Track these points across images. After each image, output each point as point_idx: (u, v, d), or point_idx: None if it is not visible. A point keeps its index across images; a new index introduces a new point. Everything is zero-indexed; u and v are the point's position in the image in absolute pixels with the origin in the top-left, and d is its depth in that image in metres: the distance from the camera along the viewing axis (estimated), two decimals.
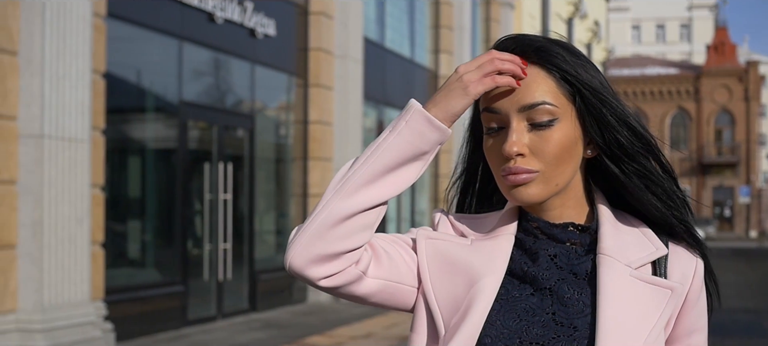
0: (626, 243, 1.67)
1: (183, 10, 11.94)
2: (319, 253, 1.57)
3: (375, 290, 1.67)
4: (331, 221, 1.57)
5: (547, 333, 1.59)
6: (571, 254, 1.67)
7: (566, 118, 1.63)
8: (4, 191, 8.72)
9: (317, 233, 1.57)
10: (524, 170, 1.61)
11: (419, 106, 1.61)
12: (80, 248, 9.33)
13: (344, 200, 1.58)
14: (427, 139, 1.60)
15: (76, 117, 9.25)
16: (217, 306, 12.81)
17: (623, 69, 63.28)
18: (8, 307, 8.76)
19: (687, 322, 1.69)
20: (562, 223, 1.69)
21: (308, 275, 1.59)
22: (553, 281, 1.64)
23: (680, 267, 1.69)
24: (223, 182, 12.84)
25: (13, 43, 8.79)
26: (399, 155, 1.60)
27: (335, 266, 1.59)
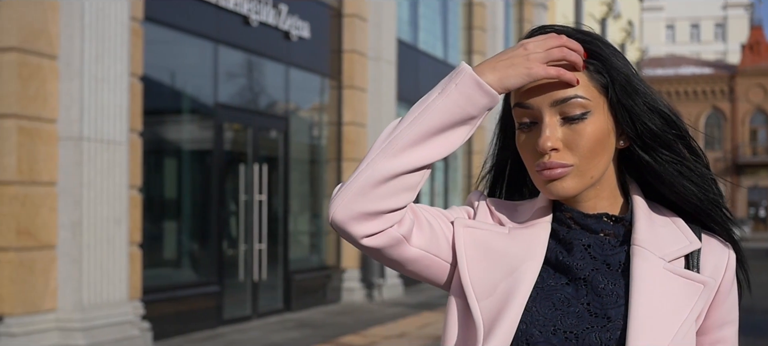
0: (660, 235, 1.67)
1: (218, 14, 12.07)
2: (361, 210, 1.56)
3: (414, 258, 1.66)
4: (374, 180, 1.56)
5: (582, 323, 1.59)
6: (604, 244, 1.68)
7: (599, 111, 1.63)
8: (44, 192, 8.88)
9: (360, 191, 1.56)
10: (559, 165, 1.61)
11: (470, 70, 1.59)
12: (118, 248, 9.49)
13: (389, 160, 1.57)
14: (476, 104, 1.59)
15: (114, 119, 9.40)
16: (252, 306, 12.94)
17: (657, 69, 62.97)
18: (48, 306, 8.92)
19: (718, 314, 1.69)
20: (595, 213, 1.69)
21: (350, 231, 1.58)
22: (588, 271, 1.64)
23: (713, 260, 1.69)
24: (258, 183, 12.97)
25: (53, 48, 8.95)
26: (447, 118, 1.59)
27: (376, 225, 1.58)
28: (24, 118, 8.65)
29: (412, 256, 1.66)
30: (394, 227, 1.60)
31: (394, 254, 1.64)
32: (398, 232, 1.61)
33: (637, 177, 1.76)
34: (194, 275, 12.24)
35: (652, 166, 1.70)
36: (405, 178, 1.58)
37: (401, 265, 1.67)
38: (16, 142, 8.60)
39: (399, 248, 1.63)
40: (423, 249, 1.66)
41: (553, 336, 1.58)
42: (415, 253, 1.66)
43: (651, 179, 1.73)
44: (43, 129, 8.85)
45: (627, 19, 37.50)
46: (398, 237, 1.62)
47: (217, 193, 12.21)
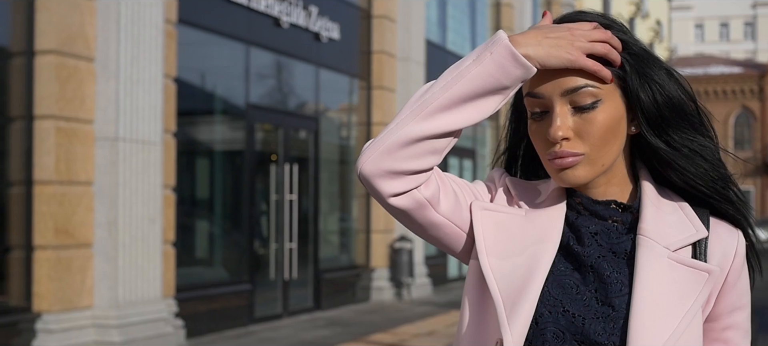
0: (667, 224, 1.68)
1: (250, 16, 12.23)
2: (388, 168, 1.58)
3: (438, 224, 1.68)
4: (403, 140, 1.58)
5: (588, 311, 1.61)
6: (612, 232, 1.69)
7: (609, 99, 1.63)
8: (81, 192, 9.06)
9: (388, 149, 1.58)
10: (570, 154, 1.62)
11: (506, 40, 1.58)
12: (153, 246, 9.66)
13: (419, 123, 1.58)
14: (510, 75, 1.58)
15: (148, 120, 9.57)
16: (283, 304, 13.09)
17: (686, 68, 62.67)
18: (85, 303, 9.10)
19: (728, 300, 1.70)
20: (605, 200, 1.71)
21: (377, 187, 1.60)
22: (594, 258, 1.66)
23: (720, 247, 1.69)
24: (288, 183, 13.12)
25: (90, 50, 9.14)
26: (479, 86, 1.59)
27: (402, 185, 1.60)
28: (62, 119, 8.84)
29: (437, 221, 1.68)
30: (420, 189, 1.63)
31: (419, 218, 1.66)
32: (423, 195, 1.63)
33: (647, 162, 1.75)
34: (226, 273, 12.40)
35: (662, 151, 1.70)
36: (433, 141, 1.59)
37: (425, 229, 1.69)
38: (54, 142, 8.79)
39: (424, 212, 1.65)
40: (447, 217, 1.68)
41: (561, 317, 1.61)
42: (439, 220, 1.68)
43: (661, 165, 1.72)
44: (80, 130, 9.03)
45: (655, 19, 37.41)
46: (423, 201, 1.64)
47: (248, 192, 12.37)
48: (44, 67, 8.80)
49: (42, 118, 8.80)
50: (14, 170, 8.87)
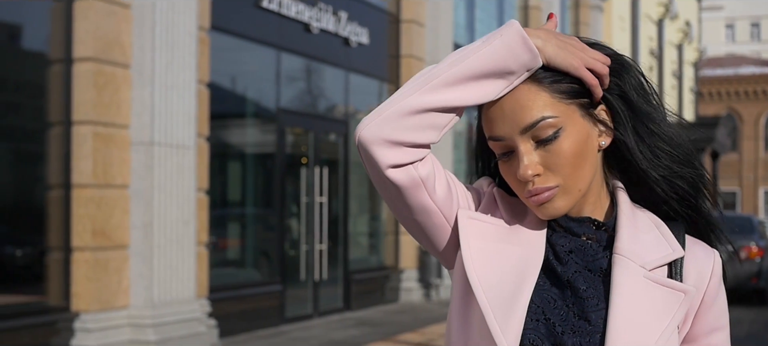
0: (643, 243, 1.66)
1: (281, 22, 12.44)
2: (388, 136, 1.57)
3: (429, 209, 1.66)
4: (406, 110, 1.58)
5: (566, 324, 1.60)
6: (587, 249, 1.67)
7: (570, 123, 1.62)
8: (117, 195, 9.30)
9: (390, 118, 1.58)
10: (544, 189, 1.61)
11: (518, 25, 1.60)
12: (187, 248, 9.87)
13: (423, 95, 1.58)
14: (518, 58, 1.58)
15: (182, 125, 9.80)
16: (314, 305, 13.28)
17: (717, 69, 62.31)
18: (121, 303, 9.33)
19: (705, 321, 1.68)
20: (579, 217, 1.68)
21: (374, 154, 1.59)
22: (570, 274, 1.64)
23: (696, 267, 1.68)
24: (318, 186, 13.32)
25: (126, 57, 9.37)
26: (486, 65, 1.58)
27: (400, 155, 1.59)
28: (99, 124, 9.07)
29: (428, 207, 1.66)
30: (417, 167, 1.62)
31: (412, 198, 1.64)
32: (419, 173, 1.62)
33: (622, 176, 1.74)
34: (258, 274, 12.63)
35: (637, 156, 1.69)
36: (435, 115, 1.59)
37: (413, 213, 1.67)
38: (92, 147, 9.01)
39: (418, 193, 1.63)
40: (439, 206, 1.67)
41: (542, 326, 1.60)
42: (431, 206, 1.66)
43: (636, 173, 1.71)
44: (116, 135, 9.27)
45: (684, 20, 37.23)
46: (418, 179, 1.62)
47: (279, 195, 12.58)
48: (82, 74, 9.03)
49: (80, 124, 9.03)
50: (53, 174, 9.10)
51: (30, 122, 9.46)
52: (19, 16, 9.35)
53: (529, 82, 1.60)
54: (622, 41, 27.71)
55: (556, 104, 1.61)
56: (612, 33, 26.33)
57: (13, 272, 9.51)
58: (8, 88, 9.37)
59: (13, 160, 9.54)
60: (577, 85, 1.62)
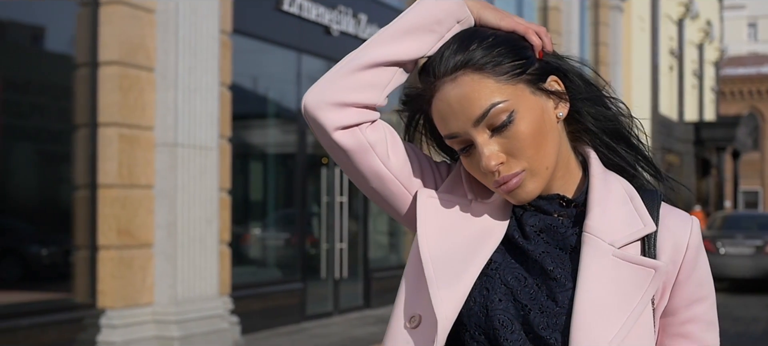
0: (613, 219, 1.62)
1: (302, 25, 12.64)
2: (330, 99, 1.59)
3: (382, 176, 1.66)
4: (345, 70, 1.60)
5: (534, 303, 1.58)
6: (557, 227, 1.65)
7: (522, 102, 1.58)
8: (142, 195, 9.50)
9: (330, 80, 1.61)
10: (511, 176, 1.58)
11: None
12: (209, 247, 10.04)
13: (359, 55, 1.62)
14: (444, 7, 1.60)
15: (205, 127, 9.99)
16: (334, 303, 13.46)
17: (739, 68, 62.05)
18: (146, 300, 9.51)
19: (683, 293, 1.64)
20: (549, 195, 1.66)
21: (319, 118, 1.60)
22: (538, 253, 1.61)
23: (671, 240, 1.63)
24: (339, 185, 13.49)
25: (151, 61, 9.57)
26: (415, 19, 1.61)
27: (344, 116, 1.60)
28: (124, 126, 9.26)
29: (382, 173, 1.66)
30: (364, 131, 1.63)
31: (362, 163, 1.64)
32: (366, 137, 1.63)
33: (591, 141, 1.71)
34: (279, 272, 12.83)
35: (587, 119, 1.68)
36: (373, 72, 1.61)
37: (367, 179, 1.67)
38: (117, 148, 9.19)
39: (367, 157, 1.64)
40: (395, 174, 1.67)
41: (511, 306, 1.58)
42: (385, 173, 1.66)
43: (599, 134, 1.70)
44: (141, 136, 9.46)
45: (705, 19, 37.19)
46: (365, 144, 1.63)
47: (300, 194, 12.77)
48: (108, 77, 9.22)
49: (105, 126, 9.21)
50: (80, 175, 9.30)
51: (57, 124, 9.66)
52: (46, 20, 9.58)
53: (471, 72, 1.57)
54: (641, 41, 27.74)
55: (502, 88, 1.56)
56: (631, 33, 26.35)
57: (40, 270, 9.77)
58: (36, 90, 9.58)
59: (40, 161, 9.78)
60: (519, 62, 1.59)
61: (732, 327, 12.86)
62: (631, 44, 26.26)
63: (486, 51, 1.58)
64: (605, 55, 23.72)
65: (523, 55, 1.60)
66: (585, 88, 1.67)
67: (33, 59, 9.62)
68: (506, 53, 1.58)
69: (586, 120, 1.68)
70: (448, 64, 1.59)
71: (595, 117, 1.68)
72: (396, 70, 1.64)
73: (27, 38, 9.77)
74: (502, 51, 1.58)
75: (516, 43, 1.61)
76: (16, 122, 9.30)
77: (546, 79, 1.62)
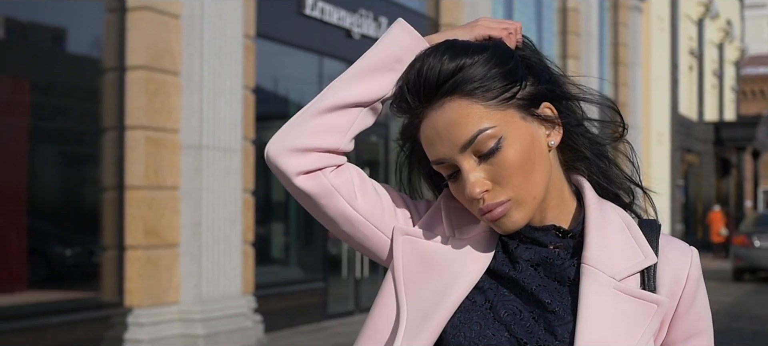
0: (613, 249, 1.55)
1: (323, 28, 12.81)
2: (290, 145, 1.55)
3: (351, 219, 1.60)
4: (305, 116, 1.57)
5: (531, 337, 1.51)
6: (554, 259, 1.58)
7: (511, 129, 1.51)
8: (168, 196, 9.69)
9: (291, 125, 1.57)
10: (496, 205, 1.51)
11: (401, 20, 1.62)
12: (233, 246, 10.21)
13: (318, 99, 1.57)
14: (402, 44, 1.58)
15: (229, 129, 10.17)
16: (355, 301, 13.61)
17: (759, 67, 61.70)
18: (172, 299, 9.69)
19: (682, 328, 1.59)
20: (543, 226, 1.59)
21: (281, 165, 1.56)
22: (534, 286, 1.55)
23: (671, 272, 1.57)
24: None
25: (176, 65, 9.75)
26: (373, 59, 1.58)
27: (305, 161, 1.56)
28: (150, 129, 9.44)
29: (351, 216, 1.60)
30: (328, 174, 1.58)
31: (329, 207, 1.59)
32: (330, 181, 1.58)
33: (584, 171, 1.65)
34: (301, 272, 13.01)
35: (581, 144, 1.63)
36: (334, 115, 1.57)
37: (337, 223, 1.61)
38: (144, 151, 9.38)
39: (333, 201, 1.59)
40: (365, 216, 1.61)
41: (505, 342, 1.51)
42: (354, 216, 1.60)
43: (595, 162, 1.65)
44: (167, 139, 9.64)
45: (725, 19, 37.11)
46: (330, 187, 1.58)
47: None
48: (134, 81, 9.40)
49: (133, 129, 9.40)
50: (108, 177, 9.50)
51: (85, 127, 9.86)
52: (75, 26, 9.78)
53: (459, 97, 1.50)
54: (661, 42, 27.77)
55: (491, 113, 1.50)
56: (651, 33, 26.38)
57: (69, 270, 9.99)
58: (64, 94, 9.77)
59: (69, 163, 10.00)
60: (510, 86, 1.52)
61: (748, 326, 12.96)
62: (651, 45, 26.29)
63: (474, 74, 1.51)
64: (625, 56, 23.76)
65: (514, 77, 1.52)
66: (577, 113, 1.62)
67: (61, 64, 9.82)
68: (496, 76, 1.51)
69: (581, 147, 1.62)
70: (435, 89, 1.52)
71: (591, 142, 1.63)
72: (359, 111, 1.59)
73: (55, 42, 9.98)
74: (492, 74, 1.51)
75: (505, 62, 1.53)
76: (45, 125, 9.50)
77: (539, 105, 1.55)
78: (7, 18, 9.25)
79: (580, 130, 1.62)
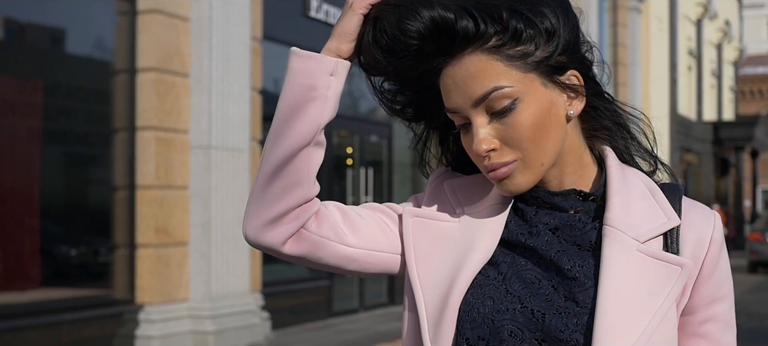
0: (635, 212, 1.52)
1: (328, 30, 12.76)
2: (261, 220, 1.51)
3: (351, 257, 1.57)
4: (258, 189, 1.52)
5: (550, 306, 1.47)
6: (574, 223, 1.53)
7: (529, 93, 1.46)
8: (178, 195, 9.83)
9: (253, 203, 1.52)
10: (501, 164, 1.47)
11: (295, 49, 1.54)
12: (242, 245, 10.29)
13: (262, 168, 1.52)
14: (307, 72, 1.50)
15: (238, 130, 10.30)
16: (359, 299, 13.77)
17: (758, 67, 61.74)
18: (182, 296, 9.82)
19: (704, 292, 1.54)
20: (563, 190, 1.55)
21: (264, 242, 1.53)
22: (553, 252, 1.51)
23: (694, 235, 1.54)
24: (363, 186, 13.83)
25: (186, 67, 9.89)
26: (288, 105, 1.51)
27: (284, 229, 1.51)
28: (161, 130, 9.58)
29: (349, 254, 1.57)
30: (309, 227, 1.54)
31: (327, 257, 1.56)
32: (316, 233, 1.54)
33: (608, 139, 1.60)
34: (307, 270, 13.14)
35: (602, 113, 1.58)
36: (283, 174, 1.50)
37: (341, 266, 1.58)
38: (155, 151, 9.50)
39: (327, 250, 1.55)
40: (360, 247, 1.58)
41: (519, 314, 1.47)
42: (353, 252, 1.57)
43: (617, 130, 1.61)
44: (177, 139, 9.78)
45: (724, 19, 37.22)
46: (317, 239, 1.54)
47: (327, 195, 13.05)
48: (145, 83, 9.54)
49: (143, 129, 9.53)
50: (119, 176, 9.63)
51: (97, 128, 10.01)
52: (87, 29, 9.93)
53: (482, 50, 1.45)
54: (660, 42, 27.92)
55: (511, 73, 1.45)
56: (650, 34, 26.52)
57: (81, 268, 10.13)
58: (76, 96, 9.93)
59: (80, 164, 10.16)
60: (534, 49, 1.46)
61: (746, 323, 13.12)
62: (650, 45, 26.45)
63: (501, 28, 1.45)
64: (624, 57, 23.86)
65: (541, 40, 1.47)
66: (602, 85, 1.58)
67: (73, 65, 9.97)
68: (522, 36, 1.46)
69: (604, 118, 1.58)
70: (457, 39, 1.45)
71: (615, 113, 1.60)
72: (304, 153, 1.52)
73: (67, 45, 10.12)
74: (521, 33, 1.46)
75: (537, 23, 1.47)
76: (57, 126, 9.67)
77: (564, 72, 1.50)
78: (21, 22, 9.42)
79: (604, 103, 1.57)
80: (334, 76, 1.53)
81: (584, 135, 1.58)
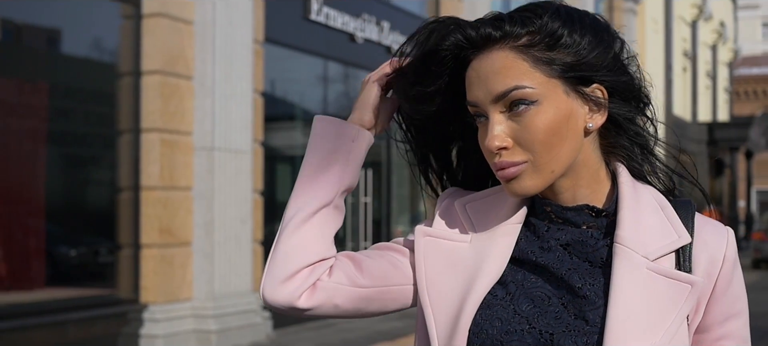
0: (646, 229, 1.50)
1: (328, 33, 13.03)
2: (278, 277, 1.52)
3: (368, 297, 1.57)
4: (279, 245, 1.54)
5: (559, 324, 1.46)
6: (586, 239, 1.52)
7: (550, 98, 1.45)
8: (182, 196, 9.92)
9: (271, 263, 1.54)
10: (510, 164, 1.46)
11: (319, 116, 1.62)
12: (244, 245, 10.45)
13: (283, 226, 1.55)
14: (330, 135, 1.58)
15: (240, 131, 10.40)
16: None
17: (753, 68, 61.78)
18: (185, 296, 9.91)
19: (718, 309, 1.53)
20: (576, 206, 1.53)
21: (279, 299, 1.53)
22: (564, 270, 1.50)
23: (707, 253, 1.52)
24: (363, 186, 13.87)
25: (189, 70, 9.98)
26: (314, 163, 1.57)
27: (299, 282, 1.53)
28: (165, 131, 9.66)
29: (365, 296, 1.57)
30: (324, 279, 1.55)
31: (343, 302, 1.56)
32: (330, 282, 1.55)
33: (623, 157, 1.58)
34: None
35: (627, 130, 1.56)
36: (303, 230, 1.54)
37: (360, 310, 1.58)
38: (159, 152, 9.59)
39: (343, 294, 1.55)
40: (373, 286, 1.57)
41: (528, 335, 1.46)
42: (366, 293, 1.57)
43: (634, 150, 1.58)
44: (181, 141, 9.86)
45: (719, 20, 37.33)
46: (332, 286, 1.54)
47: None
48: (150, 86, 9.62)
49: (148, 131, 9.61)
50: (124, 177, 9.72)
51: (102, 130, 10.12)
52: (92, 32, 10.03)
53: (510, 47, 1.47)
54: (655, 43, 28.03)
55: (535, 75, 1.45)
56: (645, 35, 26.64)
57: (86, 268, 10.22)
58: (82, 98, 10.05)
59: (86, 165, 10.26)
60: (562, 59, 1.47)
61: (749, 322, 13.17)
62: (645, 46, 26.57)
63: (533, 30, 1.47)
64: None
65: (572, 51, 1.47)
66: (631, 107, 1.56)
67: (79, 68, 10.06)
68: (554, 42, 1.47)
69: (625, 136, 1.57)
70: (488, 35, 1.48)
71: (636, 134, 1.58)
72: (324, 214, 1.57)
73: (73, 47, 10.21)
74: (554, 37, 1.47)
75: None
76: (63, 128, 9.77)
77: (590, 85, 1.49)
78: (27, 24, 9.52)
79: (627, 123, 1.55)
80: (355, 142, 1.59)
81: (602, 150, 1.57)
